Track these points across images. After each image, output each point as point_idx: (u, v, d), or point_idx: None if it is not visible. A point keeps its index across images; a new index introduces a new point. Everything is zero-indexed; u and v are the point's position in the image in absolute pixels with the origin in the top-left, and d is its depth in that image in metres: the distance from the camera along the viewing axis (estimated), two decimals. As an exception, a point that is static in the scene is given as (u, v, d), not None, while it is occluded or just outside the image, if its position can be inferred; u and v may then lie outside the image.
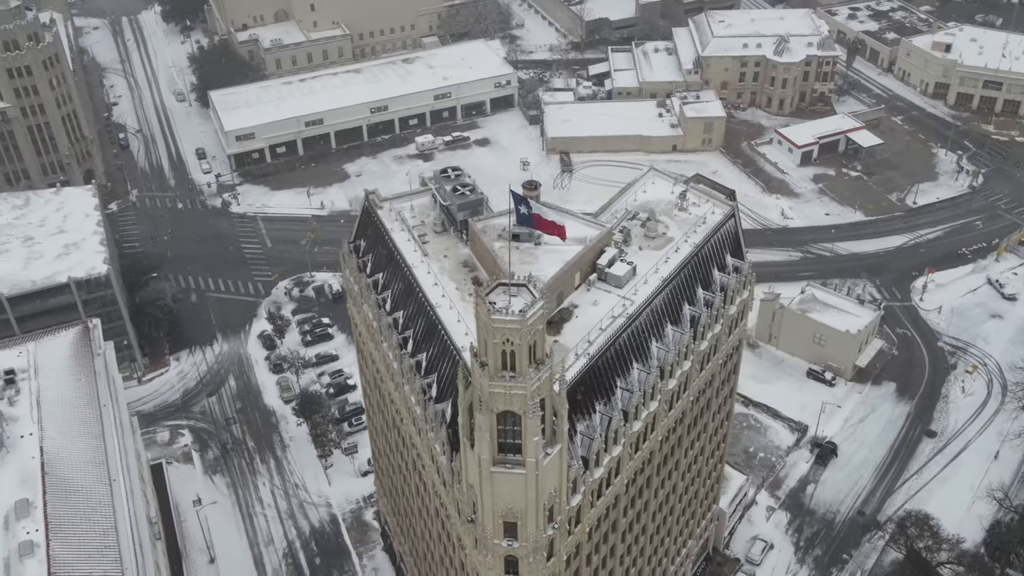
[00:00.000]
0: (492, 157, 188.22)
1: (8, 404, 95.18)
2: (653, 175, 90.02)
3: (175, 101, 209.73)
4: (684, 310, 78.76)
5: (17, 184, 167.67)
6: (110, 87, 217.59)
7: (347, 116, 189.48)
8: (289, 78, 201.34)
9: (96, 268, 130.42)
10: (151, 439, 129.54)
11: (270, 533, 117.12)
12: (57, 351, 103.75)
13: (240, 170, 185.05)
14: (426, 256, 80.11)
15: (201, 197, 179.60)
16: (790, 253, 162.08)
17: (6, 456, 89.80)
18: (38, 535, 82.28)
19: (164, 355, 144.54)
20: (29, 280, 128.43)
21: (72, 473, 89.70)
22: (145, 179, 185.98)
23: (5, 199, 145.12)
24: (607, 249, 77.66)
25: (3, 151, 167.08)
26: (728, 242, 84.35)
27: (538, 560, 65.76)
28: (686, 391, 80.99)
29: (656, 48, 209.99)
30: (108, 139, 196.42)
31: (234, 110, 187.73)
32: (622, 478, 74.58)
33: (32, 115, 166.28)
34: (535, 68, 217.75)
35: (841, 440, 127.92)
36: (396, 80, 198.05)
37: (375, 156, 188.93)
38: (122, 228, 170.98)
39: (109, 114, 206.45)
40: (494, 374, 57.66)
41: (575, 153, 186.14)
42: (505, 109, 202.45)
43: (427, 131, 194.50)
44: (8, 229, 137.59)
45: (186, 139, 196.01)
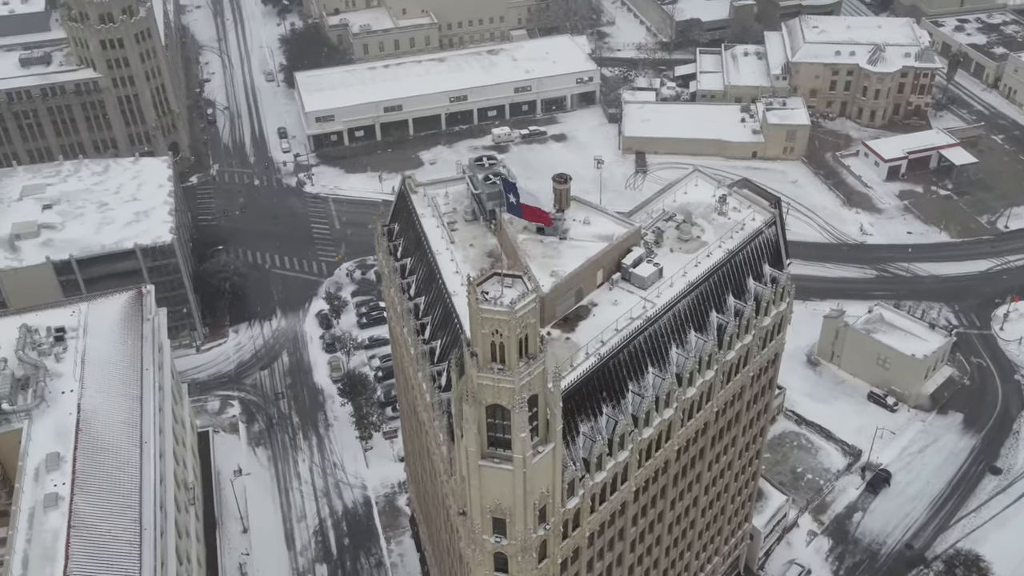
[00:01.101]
0: (567, 153, 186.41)
1: (55, 360, 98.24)
2: (697, 176, 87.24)
3: (264, 81, 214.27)
4: (711, 317, 76.01)
5: (104, 152, 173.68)
6: (205, 64, 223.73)
7: (426, 104, 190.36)
8: (374, 63, 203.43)
9: (162, 237, 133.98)
10: (201, 407, 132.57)
11: (304, 509, 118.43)
12: (108, 313, 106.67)
13: (318, 151, 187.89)
14: (452, 244, 79.27)
15: (278, 175, 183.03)
16: (864, 270, 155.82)
17: (46, 410, 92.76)
18: (64, 488, 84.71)
19: (224, 326, 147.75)
20: (99, 244, 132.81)
21: (105, 431, 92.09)
22: (227, 154, 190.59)
23: (87, 165, 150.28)
24: (634, 248, 75.48)
25: (93, 120, 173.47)
26: (767, 251, 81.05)
27: (527, 560, 64.31)
28: (709, 401, 78.17)
29: (746, 52, 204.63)
30: (197, 114, 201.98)
31: (317, 92, 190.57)
32: (630, 485, 72.44)
33: (122, 86, 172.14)
34: (620, 66, 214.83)
35: (896, 469, 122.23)
36: (478, 71, 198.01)
37: (451, 145, 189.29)
38: (200, 201, 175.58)
39: (201, 90, 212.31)
40: (483, 365, 56.50)
41: (651, 154, 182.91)
42: (586, 106, 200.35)
43: (505, 123, 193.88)
44: (85, 194, 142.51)
45: (270, 118, 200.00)
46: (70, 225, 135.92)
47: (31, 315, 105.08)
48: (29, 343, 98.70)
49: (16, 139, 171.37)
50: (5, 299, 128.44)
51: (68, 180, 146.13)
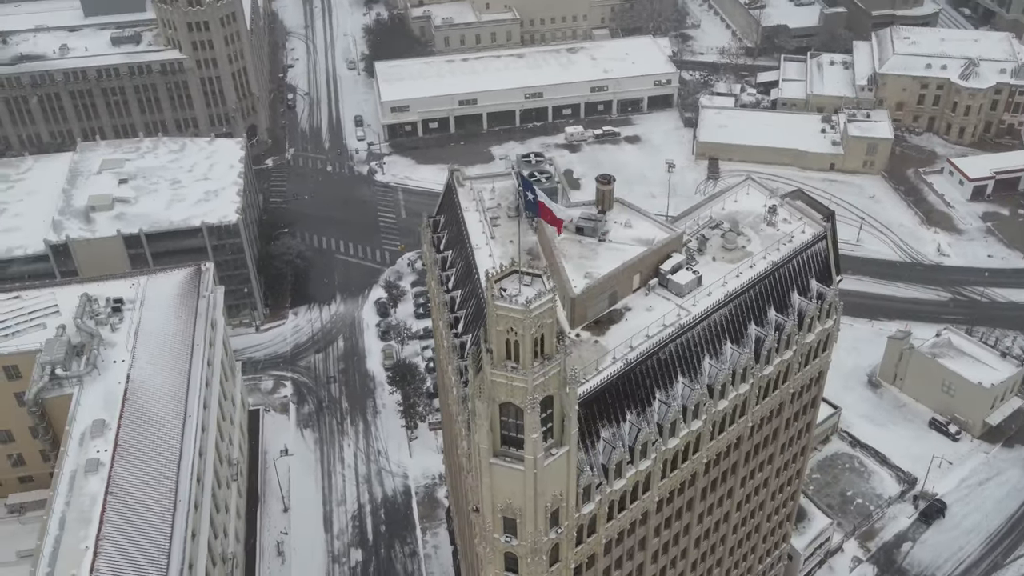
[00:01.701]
0: (639, 155, 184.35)
1: (110, 330, 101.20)
2: (749, 185, 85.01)
3: (346, 69, 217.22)
4: (749, 330, 73.97)
5: (185, 131, 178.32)
6: (291, 50, 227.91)
7: (501, 99, 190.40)
8: (452, 56, 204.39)
9: (228, 216, 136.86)
10: (255, 386, 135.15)
11: (344, 493, 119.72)
12: (166, 288, 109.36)
13: (391, 141, 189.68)
14: (492, 239, 78.84)
15: (350, 162, 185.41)
16: (938, 292, 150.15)
17: (97, 378, 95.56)
18: (105, 455, 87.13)
19: (285, 308, 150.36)
20: (168, 220, 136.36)
21: (150, 402, 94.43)
22: (303, 140, 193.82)
23: (165, 143, 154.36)
24: (674, 255, 73.87)
25: (176, 99, 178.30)
26: (815, 265, 78.48)
27: (537, 562, 63.54)
28: (742, 416, 76.10)
29: (832, 60, 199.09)
30: (277, 98, 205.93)
31: (395, 82, 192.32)
32: (652, 495, 70.99)
33: (205, 68, 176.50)
34: (701, 70, 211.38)
35: (953, 500, 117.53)
36: (556, 68, 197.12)
37: (523, 141, 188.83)
38: (273, 183, 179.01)
39: (284, 75, 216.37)
40: (497, 362, 55.95)
41: (725, 161, 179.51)
42: (663, 108, 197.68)
43: (579, 122, 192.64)
44: (161, 171, 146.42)
45: (348, 106, 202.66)
46: (143, 200, 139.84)
47: (93, 285, 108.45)
48: (88, 312, 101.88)
49: (103, 114, 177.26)
50: (77, 267, 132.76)
51: (146, 156, 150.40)
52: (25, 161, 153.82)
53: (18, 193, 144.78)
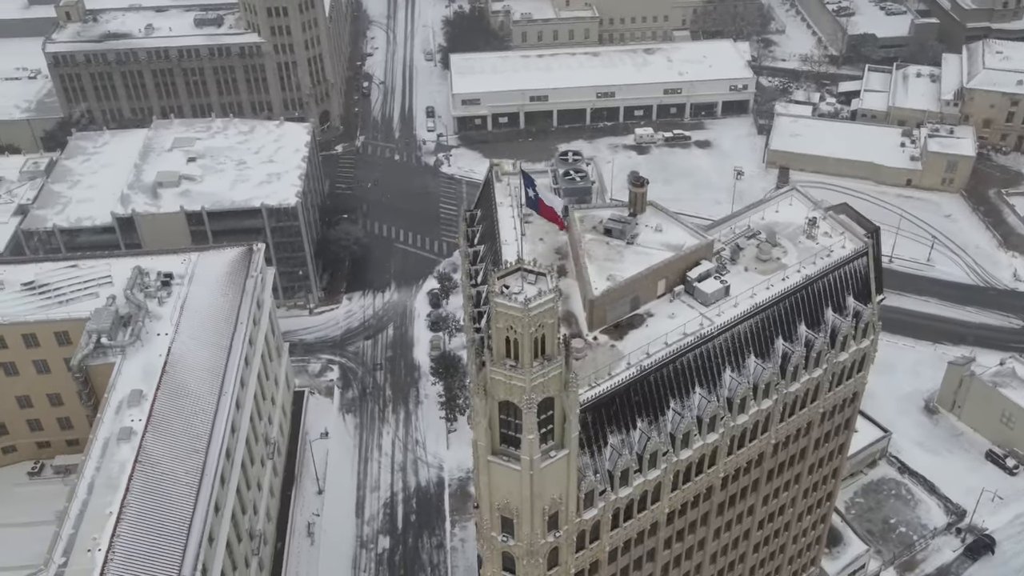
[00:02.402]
0: (708, 160, 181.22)
1: (158, 304, 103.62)
2: (793, 195, 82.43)
3: (423, 60, 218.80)
4: (776, 344, 71.72)
5: (260, 113, 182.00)
6: (371, 39, 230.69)
7: (572, 97, 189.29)
8: (528, 52, 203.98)
9: (287, 199, 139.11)
10: (303, 368, 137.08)
11: (379, 480, 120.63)
12: (216, 265, 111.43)
13: (460, 133, 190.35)
14: (523, 236, 78.09)
15: (418, 153, 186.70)
16: (1008, 319, 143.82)
17: (140, 349, 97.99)
18: (139, 424, 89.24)
19: (340, 293, 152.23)
20: (230, 200, 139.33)
21: (188, 376, 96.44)
22: (374, 128, 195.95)
23: (235, 125, 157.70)
24: (703, 262, 72.06)
25: (253, 82, 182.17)
26: (854, 282, 75.62)
27: (534, 564, 62.73)
28: (764, 433, 73.87)
29: (919, 72, 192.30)
30: (353, 86, 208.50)
31: (468, 75, 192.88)
32: (662, 506, 69.41)
33: (282, 53, 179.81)
34: (781, 76, 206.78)
35: (1003, 537, 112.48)
36: (631, 68, 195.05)
37: (592, 141, 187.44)
38: (340, 169, 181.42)
39: (362, 63, 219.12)
40: (497, 360, 55.33)
41: (796, 171, 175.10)
42: (737, 114, 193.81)
43: (651, 124, 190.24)
44: (228, 151, 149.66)
45: (421, 97, 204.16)
46: (208, 179, 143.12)
47: (147, 258, 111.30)
48: (138, 284, 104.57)
49: (183, 94, 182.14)
50: (141, 241, 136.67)
51: (216, 136, 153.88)
52: (103, 135, 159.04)
53: (93, 166, 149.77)
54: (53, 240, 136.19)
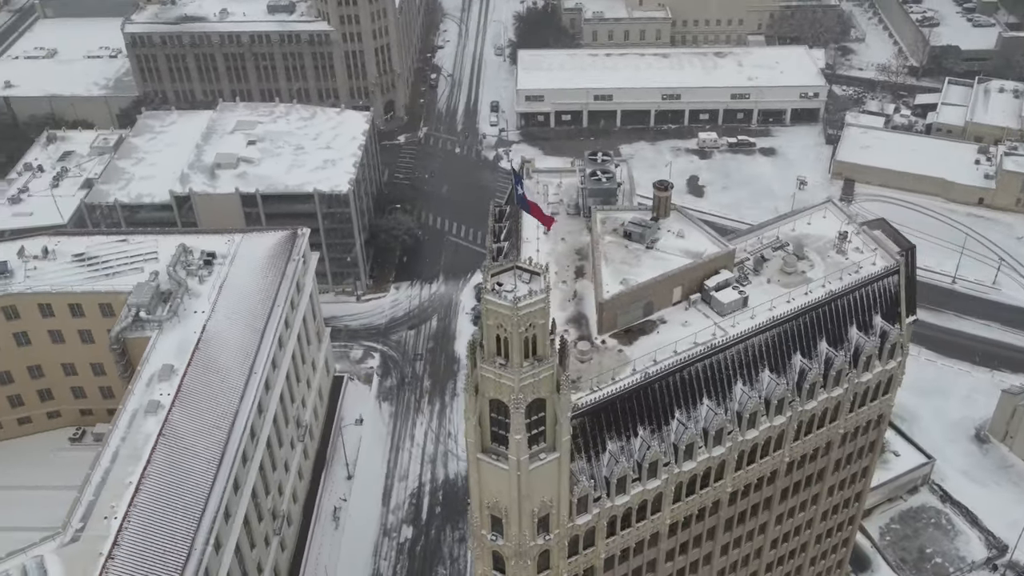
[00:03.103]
0: (772, 168, 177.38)
1: (198, 282, 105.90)
2: (828, 208, 79.81)
3: (493, 54, 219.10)
4: (793, 360, 69.60)
5: (325, 100, 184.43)
6: (443, 31, 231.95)
7: (637, 97, 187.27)
8: (597, 50, 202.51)
9: (339, 186, 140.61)
10: (344, 353, 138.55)
11: (408, 470, 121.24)
12: (258, 247, 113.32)
13: (523, 129, 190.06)
14: (544, 235, 77.46)
15: (479, 146, 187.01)
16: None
17: (176, 325, 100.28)
18: (166, 398, 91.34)
19: (388, 281, 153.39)
20: (283, 184, 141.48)
21: (219, 354, 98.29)
22: (438, 120, 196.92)
23: (297, 110, 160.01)
24: (723, 271, 70.33)
25: (321, 69, 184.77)
26: (882, 301, 72.91)
27: (522, 565, 62.09)
28: (778, 450, 71.82)
29: (1002, 88, 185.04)
30: (421, 78, 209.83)
31: (534, 71, 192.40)
32: (663, 517, 68.03)
33: (350, 41, 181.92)
34: (856, 86, 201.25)
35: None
36: (699, 71, 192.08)
37: (654, 143, 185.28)
38: (400, 159, 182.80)
39: (432, 55, 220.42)
40: (488, 357, 54.85)
41: (862, 184, 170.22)
42: (806, 122, 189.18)
43: (716, 129, 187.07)
44: (288, 136, 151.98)
45: (487, 91, 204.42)
46: (266, 162, 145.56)
47: (193, 237, 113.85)
48: (181, 262, 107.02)
49: (252, 78, 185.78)
50: (197, 220, 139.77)
51: (278, 121, 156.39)
52: (171, 115, 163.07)
53: (159, 144, 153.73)
54: (114, 215, 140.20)
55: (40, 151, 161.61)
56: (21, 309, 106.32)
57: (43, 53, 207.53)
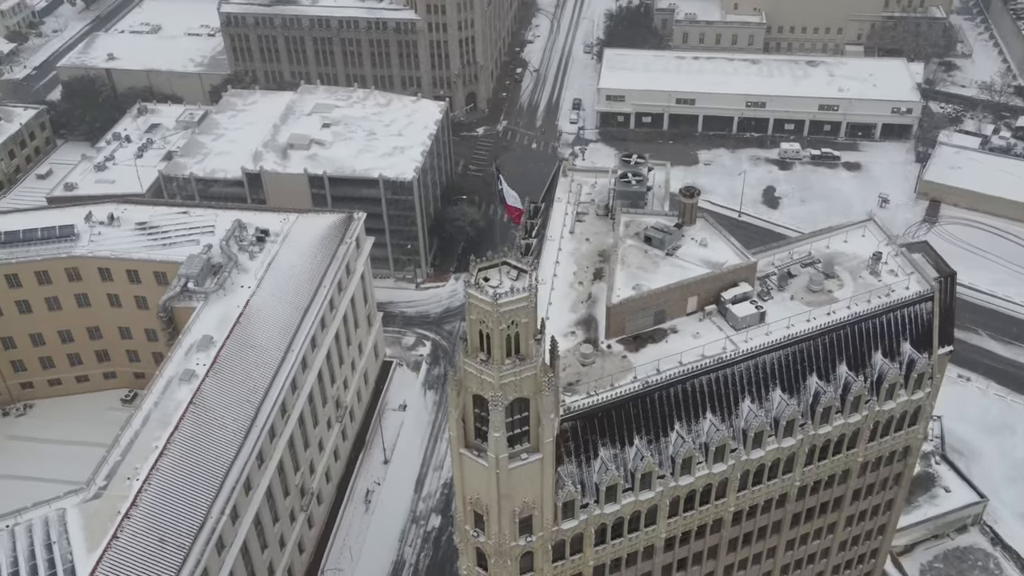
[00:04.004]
0: (854, 184, 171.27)
1: (248, 257, 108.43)
2: (868, 226, 76.54)
3: (582, 52, 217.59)
4: (808, 381, 67.02)
5: (408, 88, 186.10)
6: (535, 26, 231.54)
7: (720, 103, 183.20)
8: (684, 53, 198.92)
9: (404, 174, 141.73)
10: (397, 339, 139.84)
11: (444, 459, 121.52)
12: (312, 228, 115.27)
13: (602, 129, 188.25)
14: (570, 234, 76.68)
15: (555, 143, 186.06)
16: None
17: (222, 298, 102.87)
18: (201, 368, 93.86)
19: (448, 272, 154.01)
20: (351, 168, 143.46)
21: (259, 330, 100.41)
22: (518, 114, 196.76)
23: (374, 96, 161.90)
24: (742, 284, 68.19)
25: (405, 57, 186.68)
26: (913, 327, 69.48)
27: (503, 564, 61.53)
28: (787, 473, 69.27)
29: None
30: (507, 71, 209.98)
31: (618, 70, 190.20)
32: (658, 531, 66.43)
33: (435, 31, 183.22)
34: (955, 103, 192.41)
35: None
36: (788, 79, 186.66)
37: (734, 151, 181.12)
38: (476, 151, 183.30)
39: (520, 49, 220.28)
40: (471, 352, 54.47)
41: (949, 205, 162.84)
42: (897, 138, 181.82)
43: (800, 140, 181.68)
44: (361, 121, 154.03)
45: (571, 88, 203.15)
46: (337, 145, 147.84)
47: (251, 213, 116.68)
48: (235, 237, 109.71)
49: (339, 62, 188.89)
50: (266, 197, 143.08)
51: (354, 106, 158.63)
52: (254, 94, 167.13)
53: (239, 122, 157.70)
54: (189, 187, 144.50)
55: (130, 122, 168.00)
56: (83, 271, 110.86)
57: (147, 28, 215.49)
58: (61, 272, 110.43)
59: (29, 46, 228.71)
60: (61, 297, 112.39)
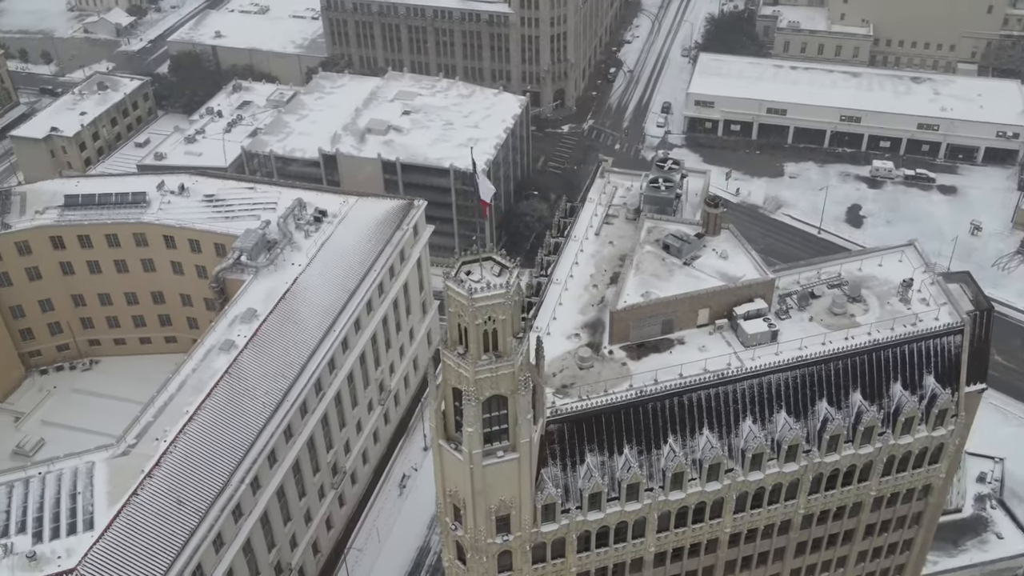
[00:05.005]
0: (947, 209, 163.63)
1: (304, 236, 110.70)
2: (907, 251, 73.00)
3: (679, 55, 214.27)
4: (818, 407, 64.44)
5: (497, 81, 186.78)
6: (635, 27, 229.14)
7: (812, 115, 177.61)
8: (782, 62, 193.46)
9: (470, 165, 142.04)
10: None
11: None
12: (370, 212, 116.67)
13: (688, 134, 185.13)
14: (595, 236, 75.67)
15: (639, 146, 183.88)
16: None
17: (272, 273, 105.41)
18: (241, 340, 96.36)
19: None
20: (424, 156, 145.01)
21: (303, 309, 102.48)
22: (606, 114, 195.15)
23: (458, 87, 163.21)
24: (757, 300, 66.00)
25: (496, 50, 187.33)
26: (939, 361, 65.90)
27: (478, 560, 61.32)
28: (791, 500, 66.78)
29: None
30: (599, 70, 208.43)
31: (710, 76, 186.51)
32: (647, 544, 65.00)
33: (527, 26, 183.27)
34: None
35: None
36: (888, 95, 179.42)
37: (823, 165, 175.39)
38: (558, 149, 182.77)
39: (617, 49, 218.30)
40: (450, 344, 54.36)
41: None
42: (1001, 163, 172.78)
43: (895, 158, 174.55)
44: (441, 111, 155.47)
45: (663, 92, 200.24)
46: (413, 133, 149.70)
47: (313, 193, 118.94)
48: (293, 215, 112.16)
49: (432, 51, 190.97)
50: (340, 179, 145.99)
51: (436, 95, 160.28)
52: (343, 78, 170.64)
53: (323, 104, 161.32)
54: (268, 164, 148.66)
55: (224, 98, 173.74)
56: (149, 237, 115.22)
57: (256, 9, 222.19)
58: (129, 236, 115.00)
59: (147, 20, 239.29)
60: (128, 261, 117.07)
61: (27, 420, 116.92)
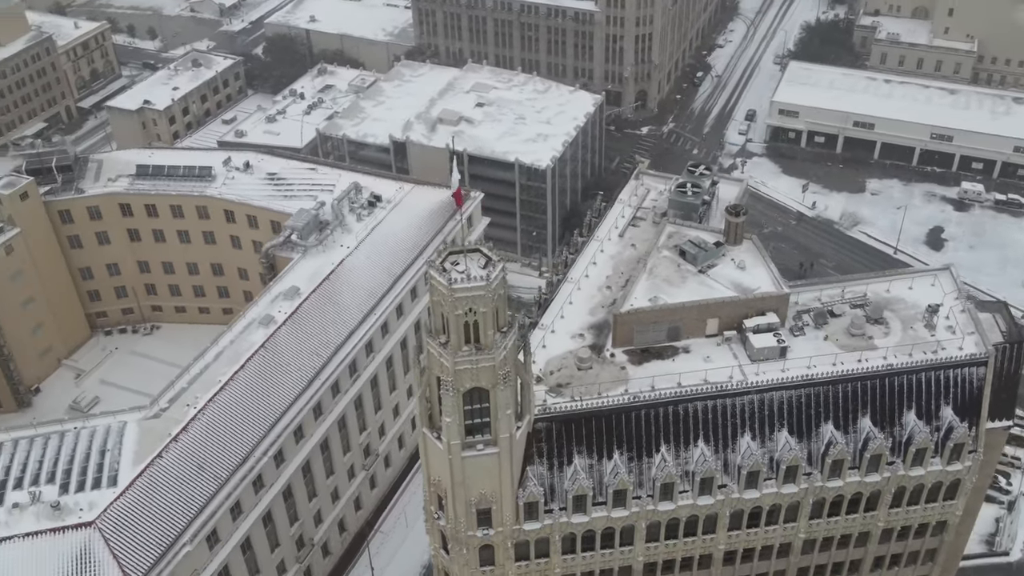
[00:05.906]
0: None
1: (356, 219, 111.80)
2: (940, 276, 69.66)
3: (771, 63, 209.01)
4: (822, 429, 62.20)
5: (579, 79, 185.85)
6: (730, 31, 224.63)
7: (901, 131, 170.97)
8: (876, 74, 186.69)
9: (540, 161, 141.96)
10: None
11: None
12: (425, 200, 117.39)
13: (770, 143, 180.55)
14: (619, 238, 74.72)
15: (718, 152, 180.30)
16: None
17: (320, 253, 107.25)
18: (281, 316, 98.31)
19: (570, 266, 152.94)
20: (492, 148, 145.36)
21: (343, 290, 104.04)
22: (688, 118, 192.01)
23: (534, 82, 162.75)
24: (770, 314, 64.08)
25: (580, 48, 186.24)
26: (957, 392, 62.75)
27: (459, 551, 61.34)
28: (791, 522, 64.65)
29: None
30: (686, 74, 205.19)
31: (797, 85, 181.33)
32: (635, 552, 63.90)
33: (612, 25, 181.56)
34: None
35: None
36: (985, 115, 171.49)
37: (907, 183, 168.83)
38: (635, 150, 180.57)
39: (708, 53, 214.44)
40: (432, 332, 54.50)
41: None
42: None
43: (987, 182, 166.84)
44: (514, 105, 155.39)
45: (749, 99, 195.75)
46: (484, 125, 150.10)
47: (371, 178, 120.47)
48: (348, 198, 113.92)
49: (516, 46, 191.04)
50: (409, 167, 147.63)
51: (512, 89, 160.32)
52: (423, 67, 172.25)
53: (401, 92, 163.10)
54: (341, 148, 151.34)
55: (308, 81, 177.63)
56: (211, 211, 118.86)
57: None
58: (192, 208, 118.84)
59: (250, 2, 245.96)
60: (191, 231, 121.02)
61: (87, 378, 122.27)
